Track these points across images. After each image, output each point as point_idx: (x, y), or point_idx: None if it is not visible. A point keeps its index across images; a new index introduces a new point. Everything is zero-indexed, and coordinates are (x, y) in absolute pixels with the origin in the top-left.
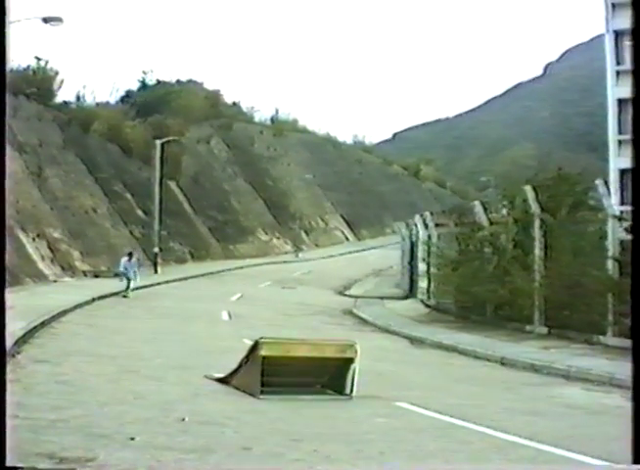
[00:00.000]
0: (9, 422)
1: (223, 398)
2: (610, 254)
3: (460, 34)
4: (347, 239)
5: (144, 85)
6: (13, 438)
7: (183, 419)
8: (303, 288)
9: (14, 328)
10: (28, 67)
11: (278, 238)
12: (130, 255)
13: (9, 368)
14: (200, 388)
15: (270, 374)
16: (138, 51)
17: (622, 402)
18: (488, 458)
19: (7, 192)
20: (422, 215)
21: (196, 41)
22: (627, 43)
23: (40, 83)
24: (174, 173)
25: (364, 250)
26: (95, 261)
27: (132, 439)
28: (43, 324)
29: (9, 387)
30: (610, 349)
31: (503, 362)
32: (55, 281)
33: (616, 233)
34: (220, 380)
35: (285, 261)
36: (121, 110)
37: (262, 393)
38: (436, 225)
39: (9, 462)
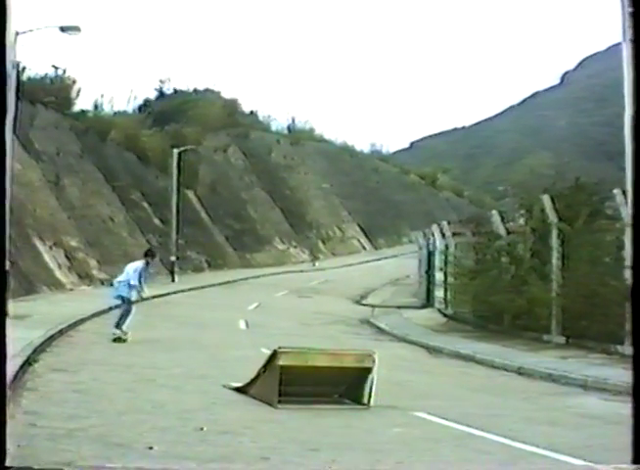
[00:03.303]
0: (26, 429)
1: (241, 407)
2: (627, 263)
3: (478, 43)
4: (364, 248)
5: (161, 94)
6: (31, 446)
7: (201, 428)
8: (320, 297)
9: (32, 337)
10: (46, 75)
11: (295, 247)
12: (151, 254)
13: (26, 377)
14: (218, 397)
15: (288, 383)
16: (156, 60)
17: None
18: (506, 468)
19: (24, 200)
20: (439, 225)
21: (213, 50)
22: None
23: (58, 92)
24: (191, 182)
25: (381, 259)
26: (112, 270)
27: (151, 448)
28: (61, 332)
29: (26, 395)
30: (627, 358)
31: (520, 372)
32: (72, 289)
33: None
34: (238, 389)
35: (302, 271)
36: (139, 118)
37: (280, 402)
38: (454, 235)
39: (9, 462)
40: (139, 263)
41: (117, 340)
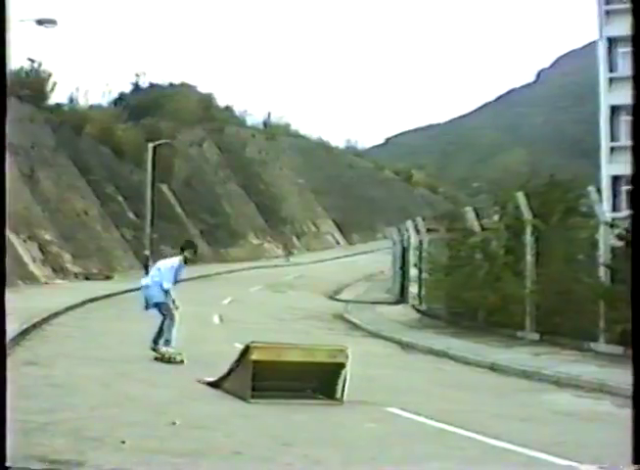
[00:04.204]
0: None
1: (214, 401)
2: (601, 260)
3: (453, 39)
4: (339, 243)
5: (137, 88)
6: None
7: (174, 423)
8: (294, 292)
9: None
10: (21, 68)
11: (269, 242)
12: (190, 248)
13: None
14: (191, 391)
15: (261, 378)
16: (131, 53)
17: (613, 409)
18: (479, 464)
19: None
20: (413, 221)
21: (189, 44)
22: (621, 50)
23: (33, 85)
24: (166, 176)
25: (355, 254)
26: (86, 264)
27: (123, 442)
28: (34, 326)
29: None
30: (601, 355)
31: (494, 368)
32: (46, 283)
33: (607, 240)
34: (211, 384)
35: (276, 266)
36: (114, 112)
37: (253, 397)
38: (428, 231)
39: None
40: (175, 260)
41: (169, 360)
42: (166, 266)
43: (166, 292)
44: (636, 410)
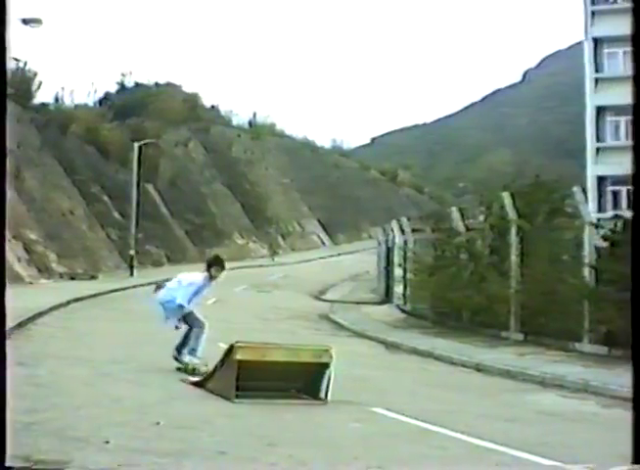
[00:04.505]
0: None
1: (199, 401)
2: (586, 261)
3: (439, 39)
4: (324, 243)
5: (122, 87)
6: None
7: (158, 423)
8: (279, 292)
9: None
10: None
11: (254, 242)
12: (217, 266)
13: None
14: (175, 391)
15: (245, 378)
16: (117, 53)
17: (597, 409)
18: (463, 464)
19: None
20: (398, 221)
21: (175, 44)
22: (607, 51)
23: (18, 84)
24: (152, 176)
25: (340, 254)
26: (71, 264)
27: (107, 442)
28: (20, 325)
29: None
30: (585, 356)
31: (479, 368)
32: (31, 283)
33: (592, 240)
34: (196, 384)
35: (261, 265)
36: (100, 112)
37: (237, 397)
38: (413, 231)
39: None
40: (199, 277)
41: (193, 371)
42: (187, 281)
43: (180, 307)
44: (636, 410)
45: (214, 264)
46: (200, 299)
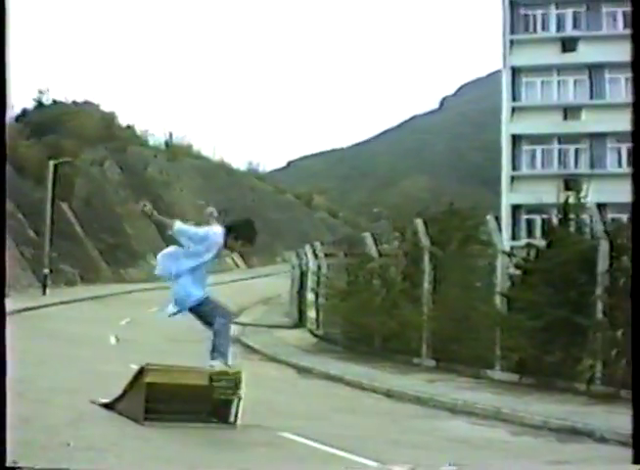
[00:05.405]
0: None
1: (108, 423)
2: (498, 289)
3: (356, 64)
4: (237, 266)
5: (40, 104)
6: None
7: (68, 444)
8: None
9: None
10: None
11: None
12: (246, 233)
13: None
14: (85, 412)
15: (155, 400)
16: (34, 69)
17: (507, 437)
18: None
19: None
20: (312, 245)
21: (92, 61)
22: (524, 80)
23: None
24: (67, 195)
25: (254, 277)
26: None
27: (15, 463)
28: None
29: None
30: (496, 383)
31: (389, 394)
32: None
33: (505, 268)
34: (106, 405)
35: None
36: (16, 128)
37: (147, 419)
38: (326, 255)
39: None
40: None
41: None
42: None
43: (191, 295)
44: (636, 410)
45: (242, 233)
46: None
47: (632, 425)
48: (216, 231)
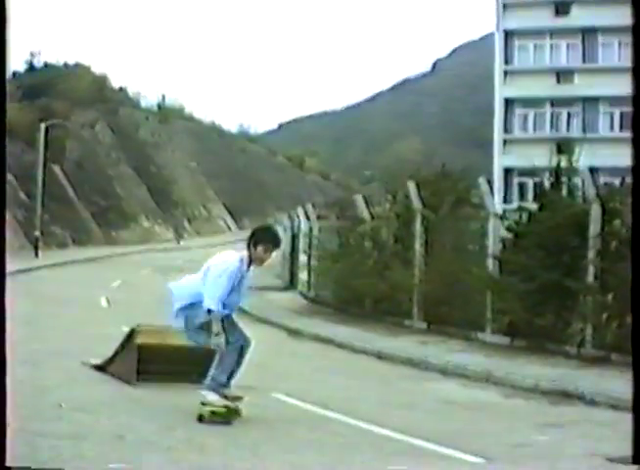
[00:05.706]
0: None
1: (99, 384)
2: (490, 251)
3: (350, 27)
4: (229, 228)
5: (31, 67)
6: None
7: (60, 405)
8: (184, 275)
9: None
10: None
11: (160, 225)
12: (265, 242)
13: None
14: (76, 374)
15: (146, 362)
16: (25, 32)
17: (498, 399)
18: (360, 451)
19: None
20: (304, 207)
21: (84, 23)
22: (517, 43)
23: None
24: (58, 157)
25: (244, 240)
26: None
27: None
28: None
29: None
30: (487, 345)
31: (380, 356)
32: None
33: (497, 231)
34: (97, 367)
35: (166, 249)
36: (8, 91)
37: (139, 380)
38: (318, 218)
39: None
40: (233, 263)
41: (228, 414)
42: (217, 271)
43: (210, 312)
44: (636, 410)
45: (263, 240)
46: (240, 298)
47: (632, 425)
48: (229, 266)
